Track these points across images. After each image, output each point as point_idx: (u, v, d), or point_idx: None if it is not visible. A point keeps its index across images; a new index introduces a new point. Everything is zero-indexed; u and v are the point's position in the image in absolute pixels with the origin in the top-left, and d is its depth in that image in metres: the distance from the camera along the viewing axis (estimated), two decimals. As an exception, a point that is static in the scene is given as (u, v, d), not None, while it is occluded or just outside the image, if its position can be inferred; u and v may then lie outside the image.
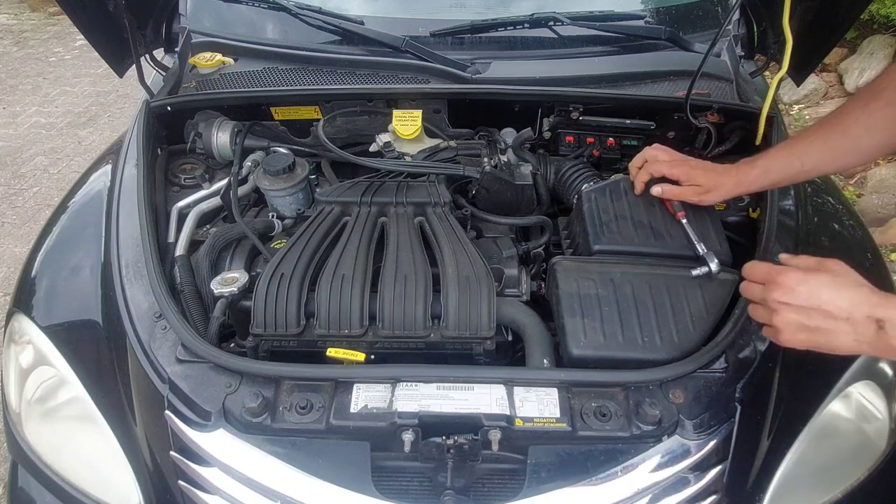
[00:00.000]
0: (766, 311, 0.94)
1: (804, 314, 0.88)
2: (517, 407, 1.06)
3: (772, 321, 0.92)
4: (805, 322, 0.88)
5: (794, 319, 0.89)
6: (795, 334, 0.89)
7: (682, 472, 1.05)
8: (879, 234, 3.00)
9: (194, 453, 1.09)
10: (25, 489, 1.30)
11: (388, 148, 1.60)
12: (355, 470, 1.05)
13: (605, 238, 1.32)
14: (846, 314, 0.85)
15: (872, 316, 0.83)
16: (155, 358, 1.16)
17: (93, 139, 4.23)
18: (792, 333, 0.90)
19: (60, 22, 6.11)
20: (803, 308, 0.88)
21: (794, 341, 0.90)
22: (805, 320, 0.88)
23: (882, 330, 0.82)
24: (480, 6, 1.90)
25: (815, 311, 0.87)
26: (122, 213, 1.41)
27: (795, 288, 0.89)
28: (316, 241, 1.32)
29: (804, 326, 0.88)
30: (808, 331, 0.88)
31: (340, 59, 1.74)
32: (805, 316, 0.88)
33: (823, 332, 0.87)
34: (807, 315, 0.88)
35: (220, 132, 1.60)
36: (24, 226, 3.39)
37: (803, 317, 0.88)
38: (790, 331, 0.90)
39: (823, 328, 0.86)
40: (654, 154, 1.33)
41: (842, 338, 0.85)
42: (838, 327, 0.85)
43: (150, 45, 1.74)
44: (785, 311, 0.89)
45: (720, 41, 1.79)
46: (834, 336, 0.86)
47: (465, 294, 1.20)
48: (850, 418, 1.23)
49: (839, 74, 4.28)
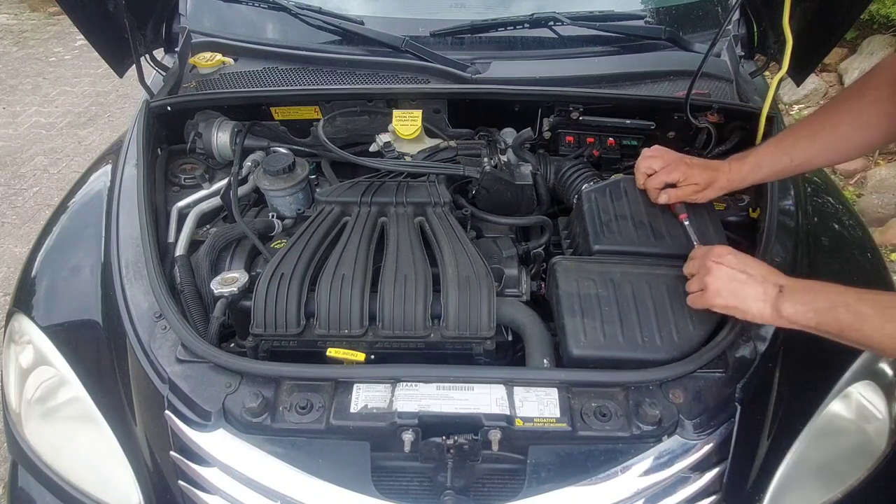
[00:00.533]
0: (699, 278, 1.10)
1: (731, 274, 1.05)
2: (517, 407, 1.06)
3: (703, 280, 1.08)
4: (730, 281, 1.05)
5: (722, 276, 1.05)
6: (719, 292, 1.05)
7: (682, 472, 1.05)
8: (879, 234, 3.00)
9: (194, 453, 1.09)
10: (25, 489, 1.30)
11: (388, 148, 1.60)
12: (355, 470, 1.05)
13: (605, 238, 1.32)
14: (762, 278, 1.04)
15: (778, 282, 1.03)
16: (155, 358, 1.16)
17: (93, 139, 4.23)
18: (716, 291, 1.06)
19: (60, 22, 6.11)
20: (732, 270, 1.06)
21: (715, 300, 1.06)
22: (731, 280, 1.05)
23: (781, 293, 1.01)
24: (480, 6, 1.90)
25: (740, 273, 1.05)
26: (122, 213, 1.41)
27: (727, 255, 1.08)
28: (316, 241, 1.32)
29: (729, 286, 1.05)
30: (729, 291, 1.05)
31: (340, 59, 1.74)
32: (731, 276, 1.05)
33: (741, 294, 1.04)
34: (733, 276, 1.05)
35: (220, 132, 1.60)
36: (24, 226, 3.39)
37: (730, 276, 1.05)
38: (715, 289, 1.06)
39: (742, 290, 1.04)
40: (648, 165, 1.34)
41: (752, 299, 1.03)
42: (754, 289, 1.03)
43: (150, 45, 1.74)
44: (716, 269, 1.06)
45: (720, 41, 1.79)
46: (748, 296, 1.03)
47: (465, 294, 1.20)
48: (850, 418, 1.23)
49: (839, 74, 4.28)
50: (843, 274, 1.43)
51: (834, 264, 1.44)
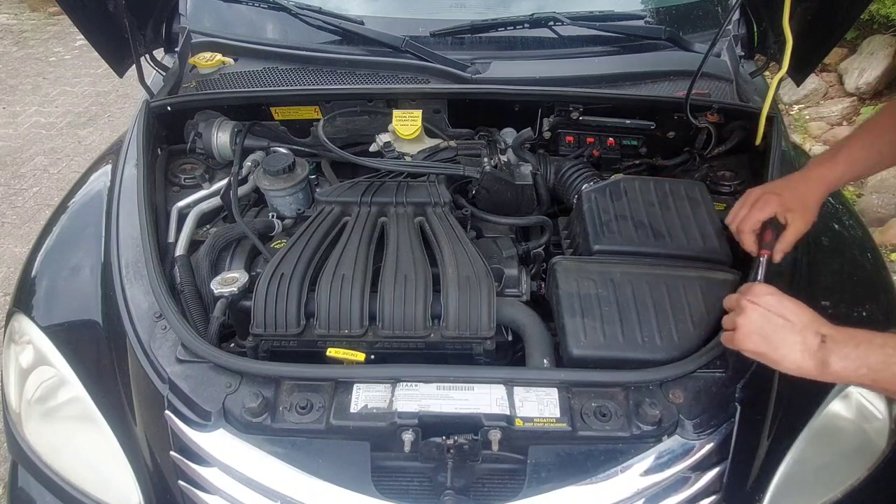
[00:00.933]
0: (732, 316, 1.01)
1: (767, 317, 0.96)
2: (517, 407, 1.06)
3: (735, 321, 0.99)
4: (764, 324, 0.96)
5: (756, 319, 0.96)
6: (749, 336, 0.97)
7: (682, 472, 1.05)
8: (879, 234, 3.00)
9: (194, 453, 1.09)
10: (25, 489, 1.30)
11: (388, 148, 1.60)
12: (355, 470, 1.05)
13: (605, 238, 1.32)
14: (802, 325, 0.94)
15: (820, 331, 0.93)
16: (155, 358, 1.16)
17: (93, 139, 4.23)
18: (747, 334, 0.97)
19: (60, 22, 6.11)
20: (768, 312, 0.96)
21: (745, 343, 0.97)
22: (765, 322, 0.96)
23: (824, 344, 0.91)
24: (480, 6, 1.90)
25: (777, 317, 0.96)
26: (122, 213, 1.41)
27: (766, 295, 0.99)
28: (316, 241, 1.32)
29: (762, 329, 0.96)
30: (762, 336, 0.96)
31: (340, 59, 1.74)
32: (767, 319, 0.96)
33: (775, 340, 0.95)
34: (769, 319, 0.96)
35: (220, 132, 1.60)
36: (24, 226, 3.39)
37: (765, 319, 0.96)
38: (746, 331, 0.97)
39: (777, 336, 0.94)
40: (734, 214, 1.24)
41: (788, 348, 0.93)
42: (791, 337, 0.94)
43: (150, 45, 1.74)
44: (751, 310, 0.98)
45: (720, 41, 1.79)
46: (783, 344, 0.94)
47: (465, 294, 1.20)
48: (850, 418, 1.23)
49: (839, 74, 4.28)
50: (843, 274, 1.43)
51: (834, 264, 1.44)
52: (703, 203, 1.40)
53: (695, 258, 1.29)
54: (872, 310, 1.32)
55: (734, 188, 1.57)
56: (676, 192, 1.43)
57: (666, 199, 1.42)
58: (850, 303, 1.33)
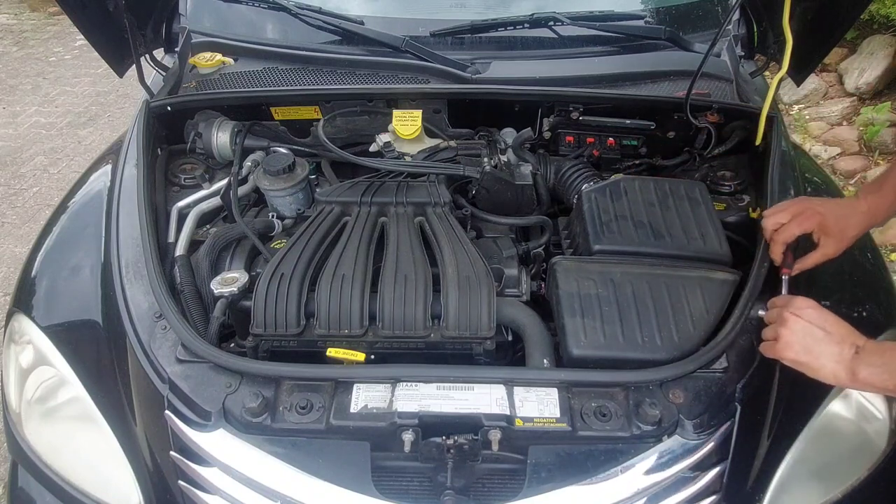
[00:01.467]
0: (775, 327, 1.05)
1: (808, 329, 1.01)
2: (517, 407, 1.06)
3: (778, 331, 1.03)
4: (806, 336, 1.00)
5: (799, 331, 1.01)
6: (791, 346, 1.01)
7: (682, 472, 1.05)
8: (879, 234, 3.00)
9: (194, 453, 1.09)
10: (25, 489, 1.30)
11: (388, 148, 1.60)
12: (355, 470, 1.05)
13: (605, 238, 1.32)
14: (840, 338, 0.99)
15: (856, 343, 0.98)
16: (155, 358, 1.16)
17: (93, 139, 4.23)
18: (789, 344, 1.01)
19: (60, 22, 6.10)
20: (810, 324, 1.01)
21: (787, 352, 1.01)
22: (807, 334, 1.00)
23: (857, 355, 0.97)
24: (480, 6, 1.89)
25: (818, 329, 1.00)
26: (122, 213, 1.41)
27: (808, 309, 1.03)
28: (316, 241, 1.32)
29: (803, 340, 1.00)
30: (803, 346, 1.00)
31: (340, 59, 1.74)
32: (809, 331, 1.00)
33: (815, 351, 0.99)
34: (810, 331, 1.00)
35: (220, 132, 1.60)
36: (24, 226, 3.39)
37: (807, 331, 1.00)
38: (788, 341, 1.01)
39: (818, 348, 0.99)
40: (775, 221, 1.22)
41: (827, 358, 0.98)
42: (830, 348, 0.98)
43: (150, 45, 1.74)
44: (794, 321, 1.02)
45: (720, 41, 1.79)
46: (822, 354, 0.99)
47: (465, 294, 1.20)
48: (850, 418, 1.23)
49: (839, 74, 4.28)
50: (843, 274, 1.43)
51: (834, 264, 1.44)
52: (703, 203, 1.40)
53: (695, 258, 1.29)
54: (872, 310, 1.32)
55: (734, 188, 1.57)
56: (676, 192, 1.43)
57: (666, 199, 1.42)
58: (850, 303, 1.33)
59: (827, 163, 3.62)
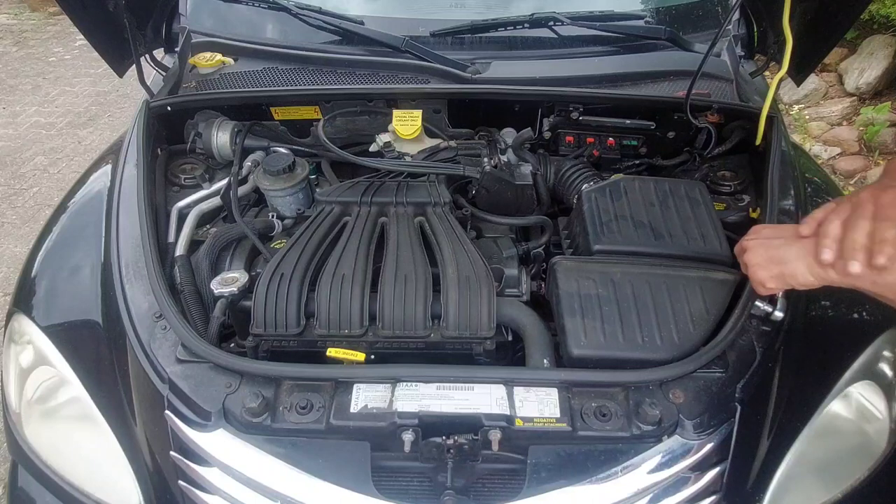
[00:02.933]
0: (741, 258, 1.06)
1: (766, 245, 1.01)
2: (517, 407, 1.06)
3: (742, 260, 1.05)
4: (766, 251, 1.00)
5: (758, 247, 1.02)
6: (759, 266, 1.01)
7: (682, 472, 1.05)
8: (879, 234, 2.99)
9: (194, 453, 1.09)
10: (25, 489, 1.30)
11: (388, 148, 1.60)
12: (355, 470, 1.05)
13: (605, 238, 1.32)
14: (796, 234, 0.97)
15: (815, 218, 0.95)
16: (155, 358, 1.16)
17: (93, 139, 4.23)
18: (757, 266, 1.01)
19: (60, 22, 6.11)
20: (766, 240, 1.02)
21: (759, 273, 1.01)
22: (766, 249, 1.00)
23: None
24: (480, 6, 1.89)
25: (776, 240, 1.00)
26: (122, 213, 1.41)
27: (762, 229, 1.05)
28: (316, 241, 1.32)
29: (765, 255, 1.00)
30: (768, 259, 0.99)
31: (340, 59, 1.74)
32: (766, 245, 1.01)
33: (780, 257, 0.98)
34: (767, 244, 1.01)
35: (220, 132, 1.60)
36: (24, 226, 3.39)
37: (765, 246, 1.01)
38: (755, 263, 1.01)
39: (780, 254, 0.98)
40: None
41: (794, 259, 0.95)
42: (793, 250, 0.96)
43: (150, 45, 1.74)
44: (751, 245, 1.03)
45: (720, 41, 1.79)
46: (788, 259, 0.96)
47: (465, 294, 1.20)
48: (850, 418, 1.23)
49: (839, 74, 4.28)
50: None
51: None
52: (703, 203, 1.40)
53: (695, 258, 1.29)
54: (872, 310, 1.32)
55: (734, 188, 1.57)
56: (676, 192, 1.43)
57: (666, 199, 1.42)
58: (850, 303, 1.33)
59: (827, 163, 3.63)
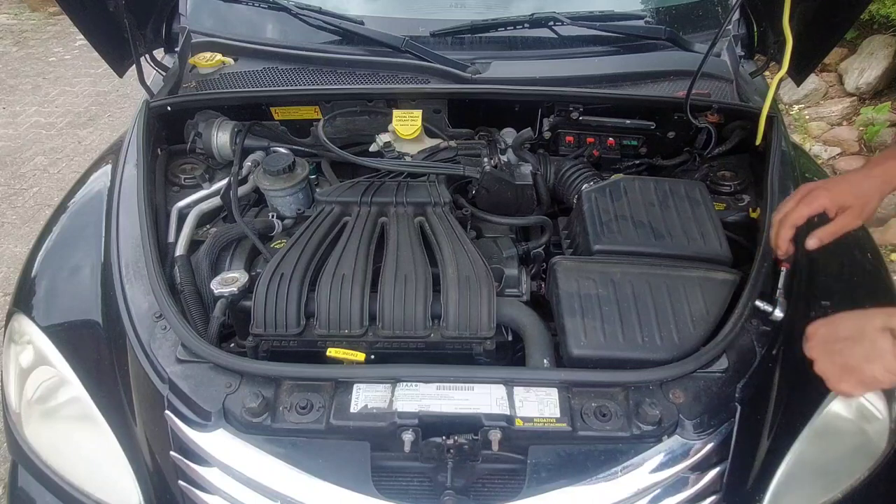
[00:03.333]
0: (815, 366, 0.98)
1: (829, 351, 0.93)
2: (517, 407, 1.06)
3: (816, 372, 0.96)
4: (834, 359, 0.92)
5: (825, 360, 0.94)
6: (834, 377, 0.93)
7: (682, 472, 1.05)
8: (879, 234, 3.00)
9: (194, 453, 1.09)
10: (25, 489, 1.30)
11: (388, 148, 1.60)
12: (355, 470, 1.05)
13: (605, 238, 1.32)
14: (859, 332, 0.89)
15: (886, 326, 0.85)
16: (155, 358, 1.15)
17: (93, 139, 4.23)
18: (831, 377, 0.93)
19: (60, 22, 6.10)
20: (827, 345, 0.94)
21: (840, 385, 0.93)
22: (832, 357, 0.93)
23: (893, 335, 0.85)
24: (480, 6, 1.89)
25: (837, 343, 0.92)
26: (122, 213, 1.41)
27: (818, 329, 0.97)
28: (316, 241, 1.32)
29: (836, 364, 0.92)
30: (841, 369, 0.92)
31: (340, 59, 1.74)
32: (831, 353, 0.93)
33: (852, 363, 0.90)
34: (831, 351, 0.93)
35: (220, 132, 1.60)
36: (24, 226, 3.39)
37: (829, 354, 0.93)
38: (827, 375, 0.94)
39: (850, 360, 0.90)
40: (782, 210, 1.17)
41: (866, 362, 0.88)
42: (856, 350, 0.89)
43: (150, 45, 1.74)
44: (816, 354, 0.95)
45: (720, 41, 1.79)
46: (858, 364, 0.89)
47: (465, 294, 1.20)
48: (850, 418, 1.23)
49: (839, 74, 4.28)
50: (843, 274, 1.43)
51: (834, 264, 1.44)
52: (703, 203, 1.40)
53: (695, 258, 1.29)
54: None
55: (734, 188, 1.57)
56: (676, 192, 1.43)
57: (666, 199, 1.42)
58: (850, 303, 1.33)
59: (827, 163, 3.63)
